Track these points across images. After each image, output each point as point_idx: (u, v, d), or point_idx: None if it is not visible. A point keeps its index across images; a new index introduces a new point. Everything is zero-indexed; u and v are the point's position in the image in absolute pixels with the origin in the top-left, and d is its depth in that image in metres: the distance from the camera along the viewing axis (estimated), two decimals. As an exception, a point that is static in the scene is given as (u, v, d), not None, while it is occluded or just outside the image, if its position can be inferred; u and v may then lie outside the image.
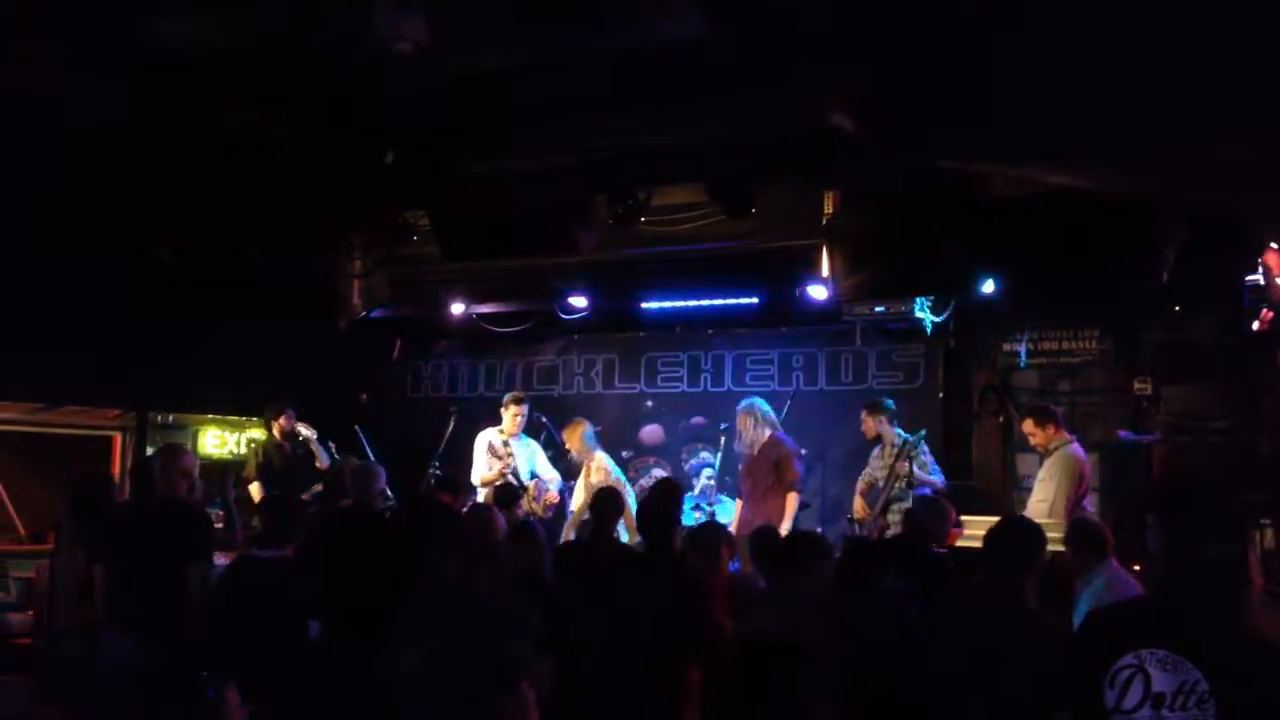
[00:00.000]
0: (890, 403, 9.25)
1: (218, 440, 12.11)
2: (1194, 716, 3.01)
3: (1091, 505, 8.38)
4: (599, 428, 10.07)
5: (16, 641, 7.94)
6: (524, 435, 9.91)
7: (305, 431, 9.99)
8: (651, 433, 11.42)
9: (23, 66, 6.21)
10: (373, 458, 9.41)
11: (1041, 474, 8.28)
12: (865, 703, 5.33)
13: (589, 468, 9.61)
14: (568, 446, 9.85)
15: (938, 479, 8.84)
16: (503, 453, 9.58)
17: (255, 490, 9.91)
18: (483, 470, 9.59)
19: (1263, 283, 8.02)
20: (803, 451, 9.28)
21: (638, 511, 6.63)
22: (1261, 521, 8.03)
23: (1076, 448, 8.28)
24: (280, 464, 10.03)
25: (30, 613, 8.37)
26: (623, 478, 9.77)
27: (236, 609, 6.09)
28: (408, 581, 5.52)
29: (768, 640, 5.80)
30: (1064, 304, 9.66)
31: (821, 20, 4.40)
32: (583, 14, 5.25)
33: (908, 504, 8.23)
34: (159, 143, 7.55)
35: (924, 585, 5.67)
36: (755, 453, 9.08)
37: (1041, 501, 8.10)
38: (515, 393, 10.18)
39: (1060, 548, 6.26)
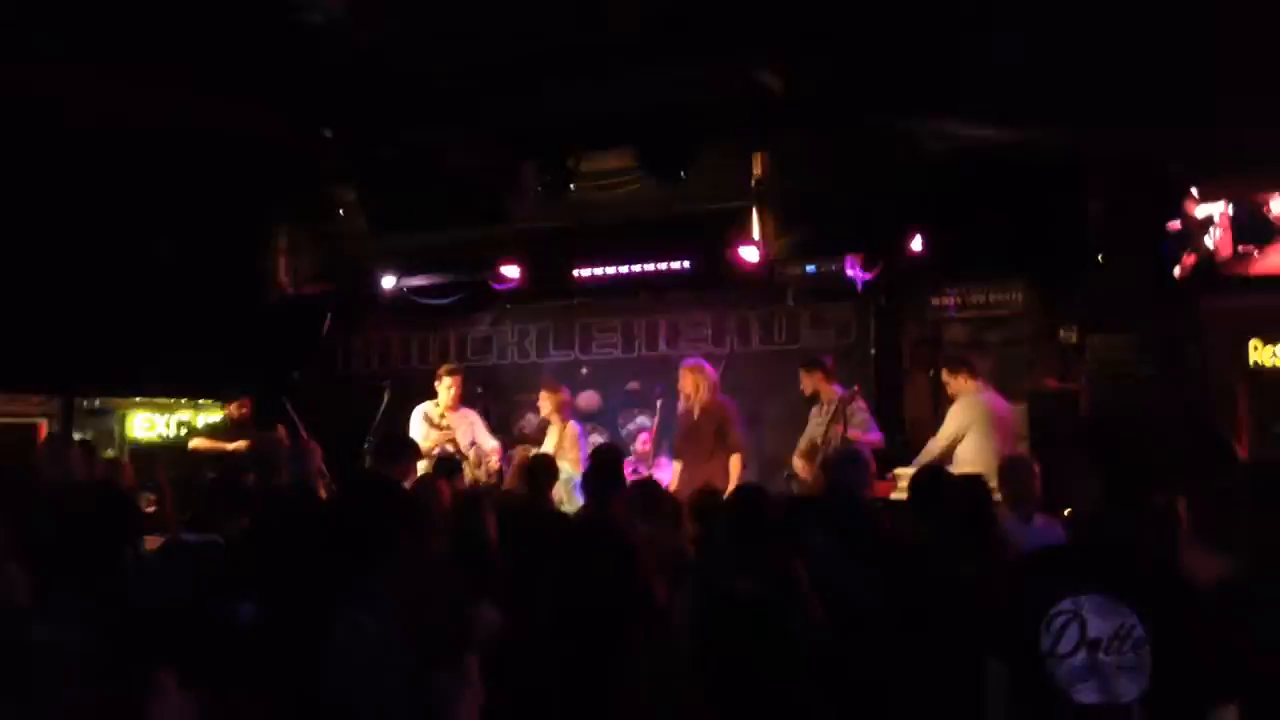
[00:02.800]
0: (827, 360, 9.31)
1: (147, 424, 11.94)
2: (1130, 660, 3.04)
3: (1008, 450, 8.49)
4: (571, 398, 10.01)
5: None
6: (464, 406, 9.86)
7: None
8: (588, 399, 11.41)
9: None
10: (305, 436, 9.32)
11: (946, 419, 8.47)
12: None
13: (560, 434, 9.58)
14: (542, 411, 9.80)
15: (874, 435, 8.91)
16: (439, 424, 9.53)
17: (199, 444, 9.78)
18: (422, 443, 9.52)
19: (1184, 230, 8.16)
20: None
21: (582, 479, 6.62)
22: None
23: (985, 395, 8.43)
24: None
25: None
26: (585, 447, 9.72)
27: (167, 595, 6.00)
28: (348, 559, 5.49)
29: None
30: (991, 257, 9.75)
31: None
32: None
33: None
34: (81, 122, 7.40)
35: (852, 540, 5.73)
36: (698, 415, 9.10)
37: (931, 443, 8.38)
38: (448, 364, 10.11)
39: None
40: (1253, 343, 9.06)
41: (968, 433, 8.28)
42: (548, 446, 9.54)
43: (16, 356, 9.64)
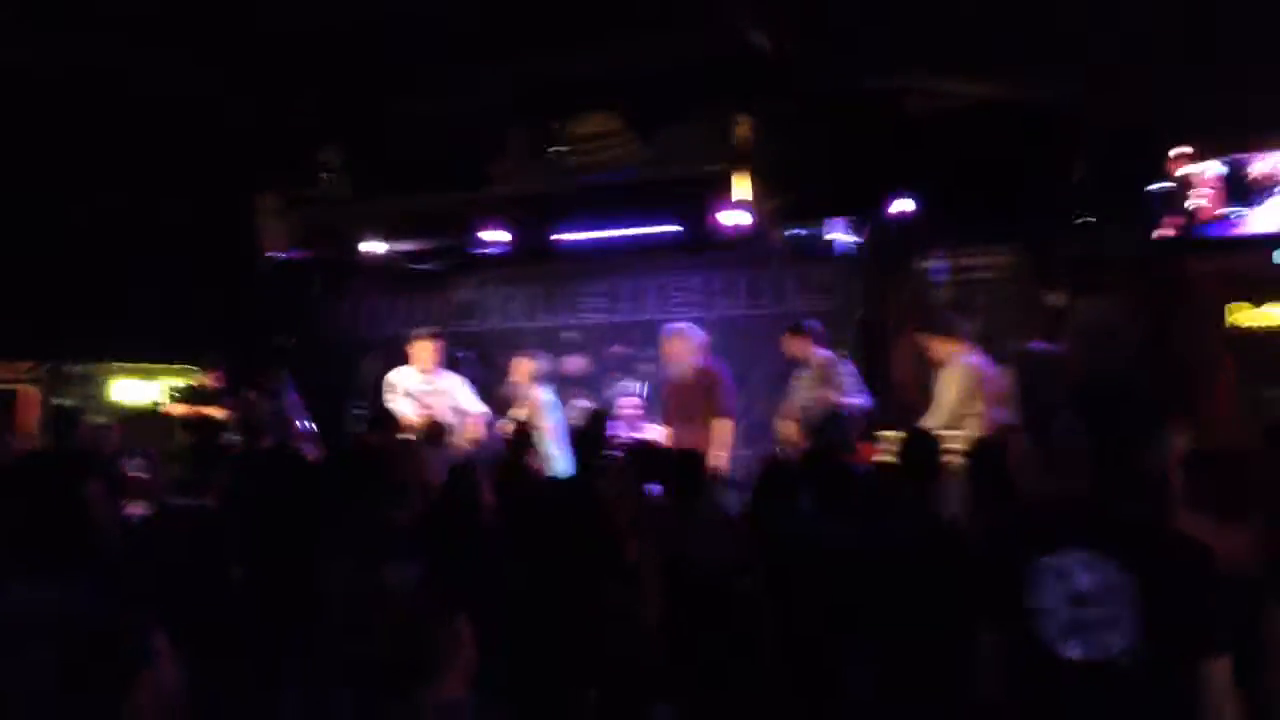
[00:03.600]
0: (815, 324, 9.30)
1: (132, 389, 11.91)
2: (1115, 614, 3.04)
3: (1003, 414, 8.50)
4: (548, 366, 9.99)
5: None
6: (445, 370, 9.83)
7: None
8: (574, 364, 11.41)
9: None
10: (296, 400, 9.31)
11: (937, 386, 8.43)
12: (790, 628, 5.40)
13: (528, 404, 9.58)
14: (514, 379, 9.79)
15: (860, 400, 8.92)
16: (422, 390, 9.51)
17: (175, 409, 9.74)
18: (400, 410, 9.49)
19: (1171, 191, 8.16)
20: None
21: (571, 443, 6.64)
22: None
23: (973, 358, 8.41)
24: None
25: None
26: (559, 416, 9.74)
27: (157, 558, 6.00)
28: (333, 522, 5.50)
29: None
30: (978, 220, 9.74)
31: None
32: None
33: (831, 426, 8.31)
34: (65, 87, 7.34)
35: (839, 501, 5.75)
36: (686, 379, 9.10)
37: (934, 412, 8.26)
38: (422, 328, 10.05)
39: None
40: (1237, 305, 9.08)
41: (968, 397, 8.24)
42: (519, 413, 9.54)
43: (4, 324, 9.60)
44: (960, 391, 8.23)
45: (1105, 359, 8.96)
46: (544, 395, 9.69)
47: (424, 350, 9.64)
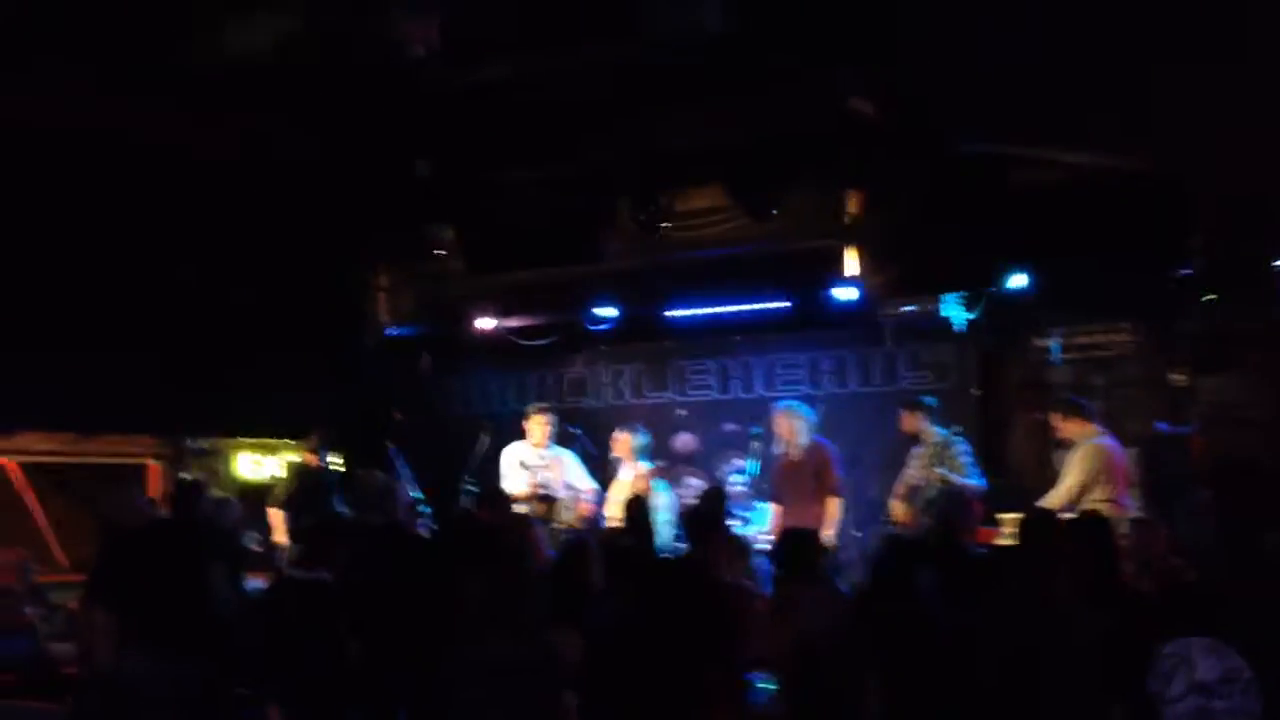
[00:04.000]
0: (931, 400, 9.18)
1: (254, 464, 12.16)
2: (1239, 704, 2.95)
3: (1129, 499, 8.27)
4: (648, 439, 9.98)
5: (62, 671, 7.95)
6: (556, 445, 9.88)
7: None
8: (684, 442, 11.36)
9: (55, 88, 6.25)
10: (408, 475, 9.41)
11: (1064, 467, 8.24)
12: (908, 709, 5.26)
13: (632, 479, 9.56)
14: (616, 453, 9.80)
15: (974, 481, 8.75)
16: (535, 465, 9.56)
17: (276, 516, 9.92)
18: (516, 484, 9.56)
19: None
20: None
21: (684, 520, 6.59)
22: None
23: (1106, 440, 8.21)
24: (307, 488, 10.02)
25: (74, 643, 8.39)
26: (666, 490, 9.72)
27: (274, 630, 6.06)
28: (446, 598, 5.52)
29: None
30: (1096, 296, 9.54)
31: (841, 8, 4.37)
32: (601, 16, 5.24)
33: (945, 505, 8.16)
34: (183, 164, 7.59)
35: (961, 583, 5.62)
36: (796, 458, 9.03)
37: (1054, 493, 8.09)
38: (536, 404, 10.15)
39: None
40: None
41: (1092, 481, 8.03)
42: (618, 489, 9.52)
43: (127, 399, 9.89)
44: (1086, 474, 8.02)
45: (1232, 440, 8.68)
46: (647, 469, 9.66)
47: (538, 425, 9.73)
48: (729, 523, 9.32)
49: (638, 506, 7.77)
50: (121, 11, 5.73)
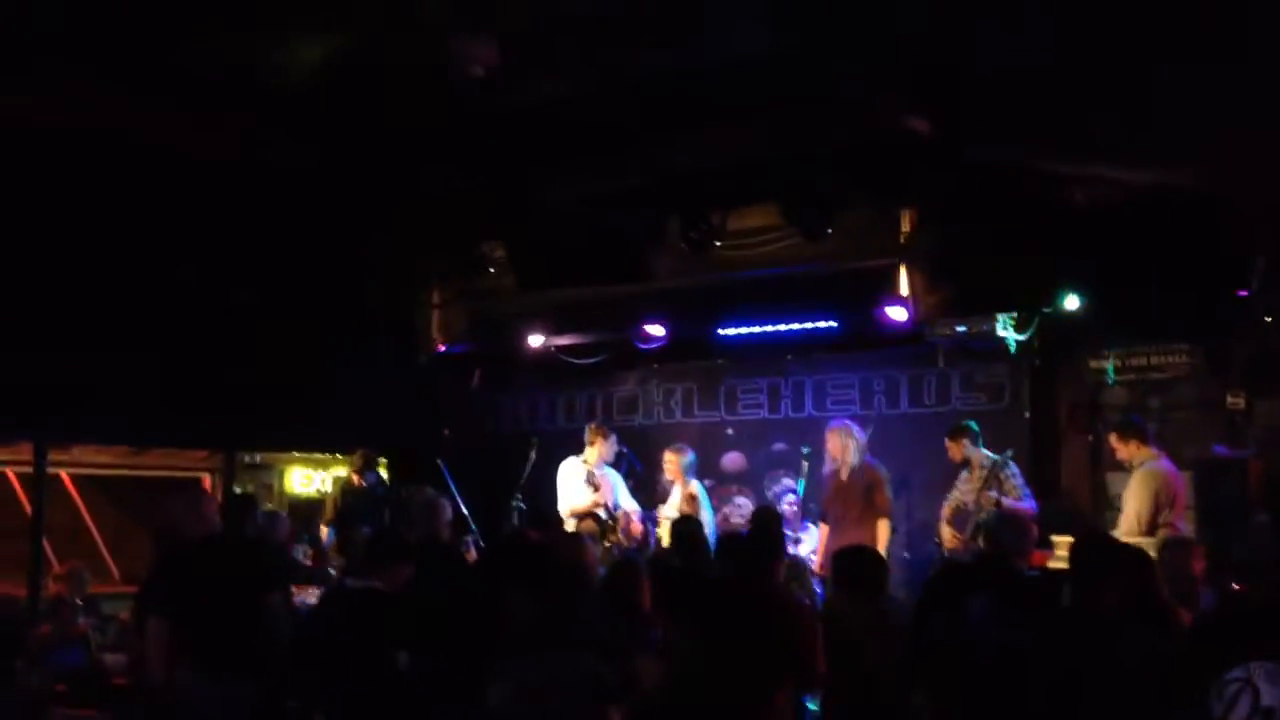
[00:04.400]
0: (973, 424, 9.11)
1: (304, 479, 12.27)
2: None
3: (1184, 523, 8.16)
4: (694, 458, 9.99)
5: (113, 682, 8.04)
6: (608, 466, 9.91)
7: None
8: (733, 460, 11.33)
9: (93, 100, 6.33)
10: (456, 493, 9.44)
11: (1127, 491, 8.14)
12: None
13: (685, 495, 9.56)
14: (667, 474, 9.81)
15: (1027, 504, 8.66)
16: (600, 482, 9.60)
17: (325, 534, 10.02)
18: (574, 500, 9.58)
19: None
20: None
21: (742, 541, 6.56)
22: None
23: (1163, 463, 8.11)
24: (354, 505, 10.11)
25: (125, 654, 8.48)
26: (709, 509, 9.71)
27: (324, 638, 6.07)
28: (495, 615, 5.53)
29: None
30: (1151, 318, 9.43)
31: (894, 24, 4.36)
32: (652, 34, 5.26)
33: (998, 527, 8.09)
34: (242, 183, 7.67)
35: (1015, 606, 5.56)
36: (846, 477, 8.99)
37: (1126, 519, 7.97)
38: (597, 422, 10.20)
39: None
40: None
41: (1156, 505, 7.93)
42: (670, 508, 9.51)
43: (181, 413, 10.00)
44: (1151, 498, 7.92)
45: (1290, 464, 8.55)
46: (698, 489, 9.66)
47: (602, 443, 9.76)
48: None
49: (685, 526, 7.75)
50: (164, 18, 5.80)
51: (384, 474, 10.33)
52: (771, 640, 5.58)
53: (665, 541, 9.08)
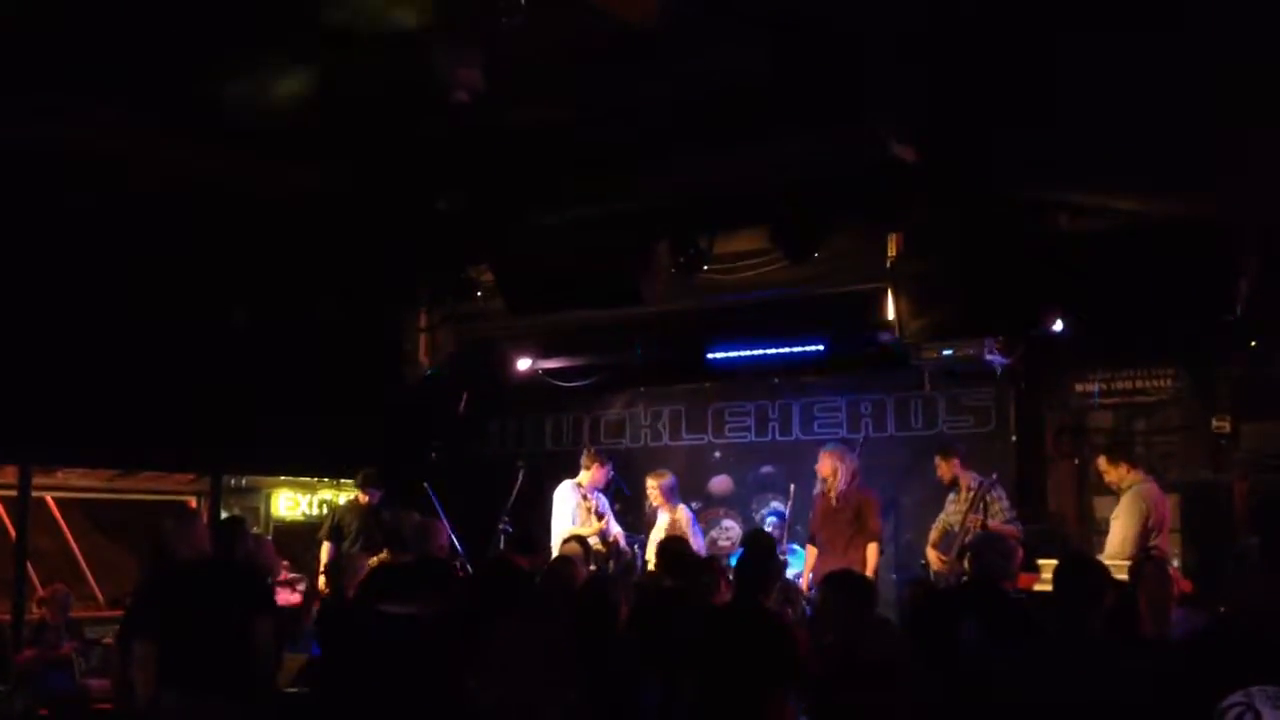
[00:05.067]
0: (961, 447, 9.16)
1: (290, 502, 12.22)
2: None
3: (1169, 547, 8.19)
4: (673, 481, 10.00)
5: (97, 706, 7.99)
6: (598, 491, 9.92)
7: None
8: (720, 483, 11.34)
9: (91, 129, 6.33)
10: (443, 515, 9.42)
11: (1115, 513, 8.17)
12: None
13: (671, 520, 9.56)
14: (650, 499, 9.81)
15: (1012, 528, 8.68)
16: (600, 510, 9.61)
17: (325, 551, 10.01)
18: (572, 523, 9.55)
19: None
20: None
21: (736, 565, 6.56)
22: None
23: (1151, 486, 8.14)
24: (355, 526, 10.10)
25: (109, 678, 8.43)
26: (699, 533, 9.71)
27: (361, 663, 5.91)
28: (480, 635, 5.51)
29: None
30: (1137, 341, 9.49)
31: (882, 52, 4.39)
32: (642, 59, 5.28)
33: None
34: (226, 205, 7.66)
35: (1002, 631, 5.56)
36: (835, 501, 8.99)
37: (1112, 541, 8.01)
38: (596, 449, 10.21)
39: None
40: None
41: (1144, 528, 7.95)
42: (659, 532, 9.50)
43: (167, 437, 9.96)
44: (1139, 521, 7.95)
45: (1276, 486, 8.58)
46: (684, 512, 9.66)
47: (598, 468, 9.76)
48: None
49: (673, 545, 7.74)
50: (153, 48, 5.80)
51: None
52: (774, 665, 5.60)
53: (652, 564, 9.09)
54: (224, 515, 10.65)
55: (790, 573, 9.45)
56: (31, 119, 6.27)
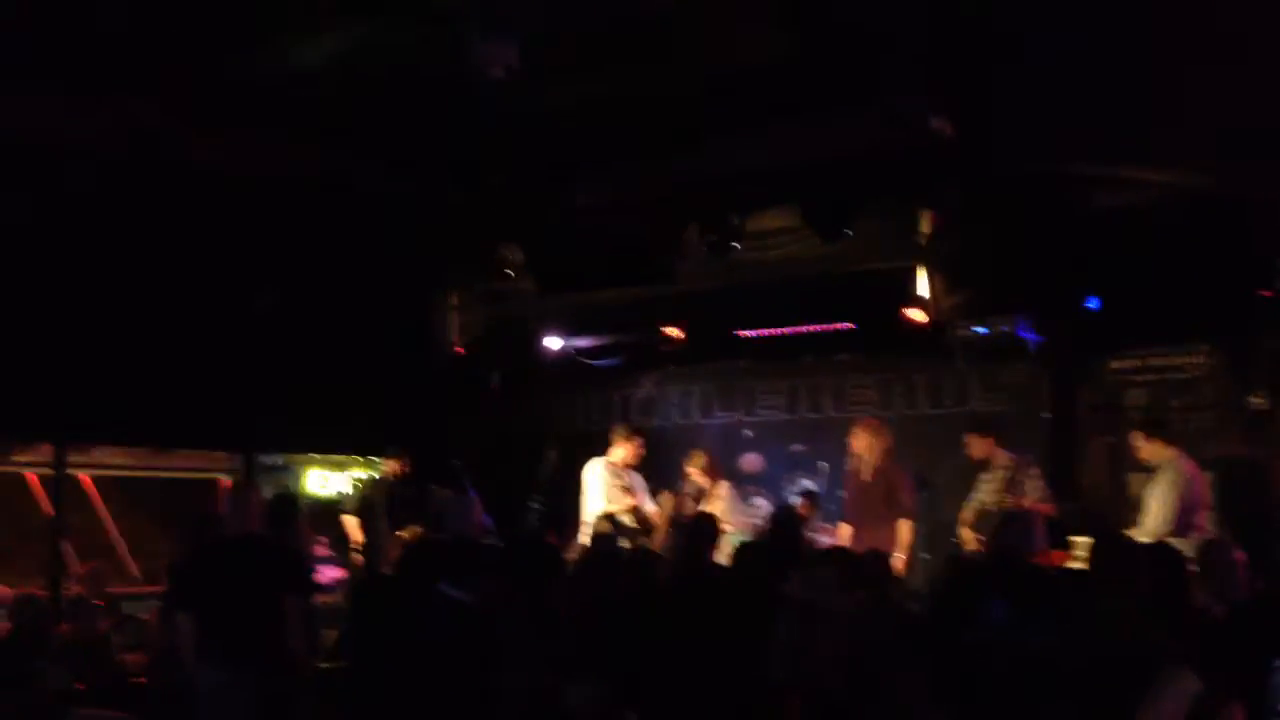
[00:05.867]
0: (999, 424, 9.08)
1: (322, 480, 12.29)
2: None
3: (1205, 524, 8.12)
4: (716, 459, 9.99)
5: (133, 681, 8.08)
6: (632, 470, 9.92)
7: None
8: (751, 462, 11.31)
9: (122, 113, 6.36)
10: (472, 493, 9.45)
11: (1150, 490, 8.10)
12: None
13: (711, 496, 9.55)
14: (692, 476, 9.80)
15: (1049, 505, 8.63)
16: (632, 486, 9.60)
17: (351, 524, 10.06)
18: (606, 502, 9.55)
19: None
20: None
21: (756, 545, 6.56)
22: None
23: (1186, 464, 8.07)
24: (383, 503, 10.14)
25: (144, 654, 8.51)
26: (742, 507, 9.69)
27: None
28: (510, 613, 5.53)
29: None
30: (1171, 318, 9.38)
31: (915, 27, 4.35)
32: (676, 41, 5.25)
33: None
34: (258, 187, 7.68)
35: (1031, 608, 5.54)
36: (869, 477, 8.96)
37: (1151, 518, 7.93)
38: (628, 427, 10.19)
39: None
40: None
41: (1181, 506, 7.89)
42: (714, 507, 9.47)
43: (202, 415, 10.03)
44: (1175, 499, 7.88)
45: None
46: (726, 487, 9.66)
47: (632, 446, 9.75)
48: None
49: (699, 524, 7.70)
50: (179, 30, 5.81)
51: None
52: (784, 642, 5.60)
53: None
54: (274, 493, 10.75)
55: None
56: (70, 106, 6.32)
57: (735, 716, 5.57)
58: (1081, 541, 7.56)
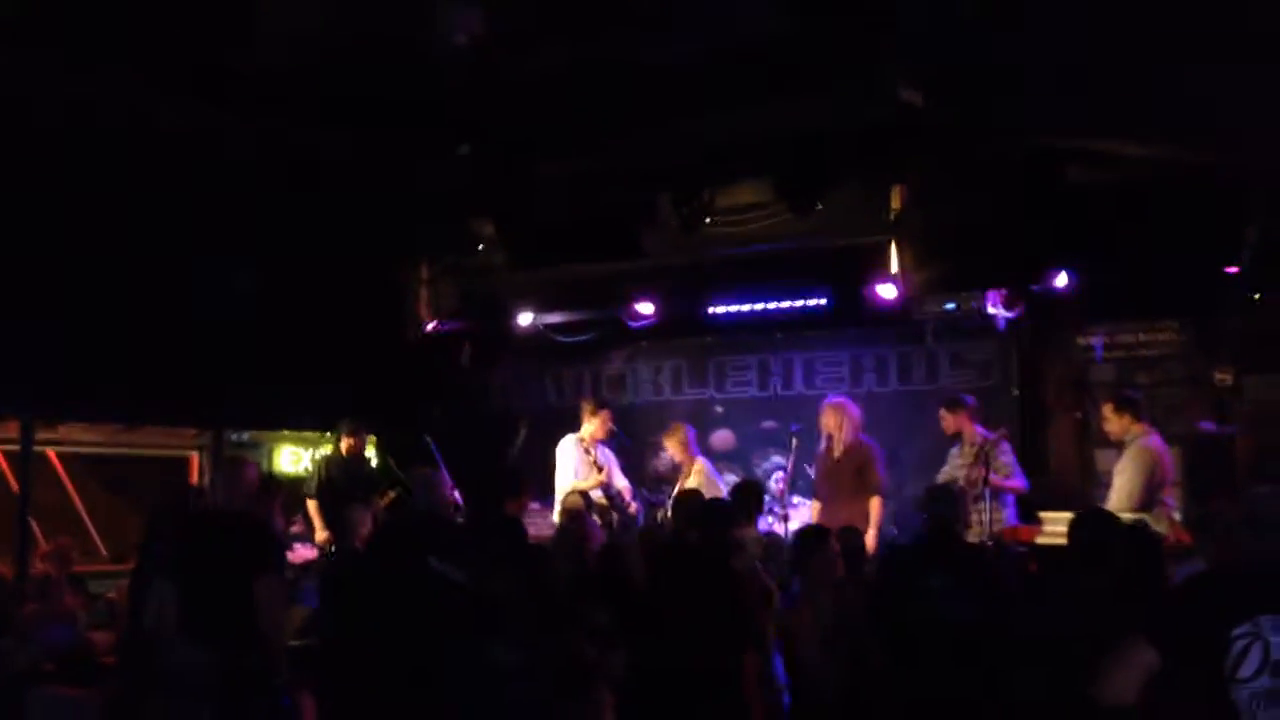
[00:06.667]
0: (971, 399, 9.13)
1: (293, 457, 12.23)
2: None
3: (1172, 499, 8.20)
4: (695, 432, 10.00)
5: (102, 659, 8.04)
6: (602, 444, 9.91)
7: None
8: (722, 438, 11.32)
9: (89, 84, 6.30)
10: (444, 469, 9.42)
11: (1118, 466, 8.16)
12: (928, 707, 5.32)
13: (688, 471, 9.56)
14: (668, 452, 9.80)
15: (1018, 483, 8.70)
16: (601, 462, 9.59)
17: (313, 507, 10.02)
18: (574, 478, 9.55)
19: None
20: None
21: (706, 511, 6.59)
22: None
23: (1154, 439, 8.14)
24: (341, 480, 10.09)
25: (112, 632, 8.48)
26: (720, 482, 9.71)
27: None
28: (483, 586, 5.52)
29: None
30: (1140, 294, 9.44)
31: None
32: (649, 12, 5.23)
33: (989, 505, 8.17)
34: (226, 160, 7.62)
35: (968, 579, 5.64)
36: (839, 455, 8.99)
37: (1118, 494, 7.99)
38: (596, 400, 10.18)
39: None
40: None
41: (1149, 481, 7.95)
42: (690, 486, 9.49)
43: (170, 392, 9.96)
44: (1143, 474, 7.94)
45: (1276, 440, 8.58)
46: (703, 462, 9.67)
47: (600, 421, 9.73)
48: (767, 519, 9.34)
49: (684, 497, 7.72)
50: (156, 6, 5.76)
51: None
52: (721, 602, 5.68)
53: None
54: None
55: (795, 527, 9.47)
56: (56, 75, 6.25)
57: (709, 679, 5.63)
58: (1050, 517, 7.61)
